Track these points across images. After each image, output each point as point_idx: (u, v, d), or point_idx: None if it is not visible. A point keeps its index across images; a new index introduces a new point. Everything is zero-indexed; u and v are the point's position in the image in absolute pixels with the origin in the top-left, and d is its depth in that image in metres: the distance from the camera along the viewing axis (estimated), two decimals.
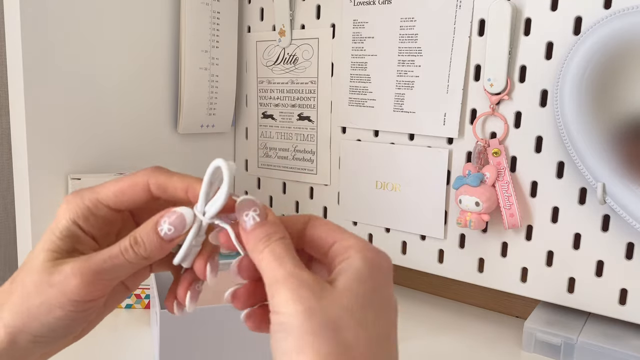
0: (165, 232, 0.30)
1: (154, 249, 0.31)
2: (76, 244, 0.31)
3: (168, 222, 0.30)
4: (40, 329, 0.30)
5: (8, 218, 0.92)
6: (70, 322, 0.30)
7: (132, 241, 0.31)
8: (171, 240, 0.31)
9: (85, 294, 0.29)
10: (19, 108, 0.66)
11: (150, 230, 0.31)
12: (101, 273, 0.30)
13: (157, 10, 0.79)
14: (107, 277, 0.30)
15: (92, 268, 0.30)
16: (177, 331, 0.53)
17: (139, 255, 0.30)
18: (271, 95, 0.87)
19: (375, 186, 0.76)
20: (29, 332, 0.30)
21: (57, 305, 0.29)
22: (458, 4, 0.66)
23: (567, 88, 0.58)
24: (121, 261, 0.30)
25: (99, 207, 0.32)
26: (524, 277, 0.66)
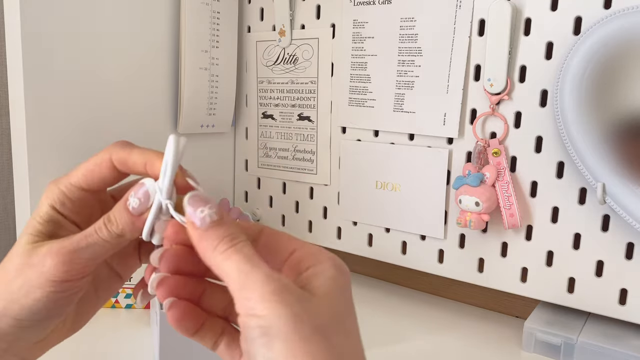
0: (133, 206, 0.30)
1: (126, 224, 0.30)
2: (57, 230, 0.32)
3: (135, 195, 0.30)
4: (21, 312, 0.30)
5: (8, 218, 0.92)
6: (51, 304, 0.30)
7: (106, 219, 0.31)
8: (140, 215, 0.30)
9: (61, 274, 0.29)
10: (19, 108, 0.66)
11: (121, 207, 0.31)
12: (77, 252, 0.30)
13: (157, 10, 0.79)
14: (83, 256, 0.30)
15: (67, 247, 0.30)
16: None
17: (112, 233, 0.30)
18: (271, 95, 0.87)
19: (375, 186, 0.76)
20: (11, 316, 0.30)
21: (36, 286, 0.29)
22: (458, 4, 0.66)
23: (567, 88, 0.58)
24: (95, 239, 0.30)
25: (72, 190, 0.32)
26: (524, 277, 0.66)
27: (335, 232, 0.82)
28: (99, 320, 0.67)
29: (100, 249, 0.30)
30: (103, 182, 0.33)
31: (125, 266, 0.36)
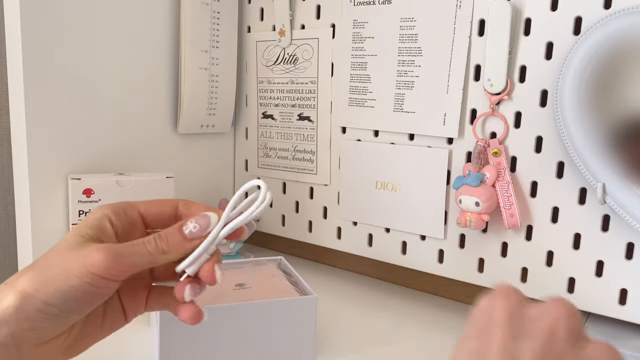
0: (190, 230, 0.35)
1: (175, 244, 0.35)
2: (101, 235, 0.35)
3: (195, 221, 0.35)
4: (53, 295, 0.32)
5: (8, 218, 0.92)
6: (81, 296, 0.32)
7: (157, 236, 0.35)
8: (192, 240, 0.35)
9: (102, 269, 0.32)
10: (19, 108, 0.66)
11: (175, 229, 0.35)
12: (122, 255, 0.33)
13: (157, 11, 0.79)
14: (125, 261, 0.33)
15: (115, 249, 0.33)
16: (177, 331, 0.53)
17: (159, 248, 0.34)
18: (271, 95, 0.87)
19: (375, 186, 0.76)
20: (41, 299, 0.32)
21: (76, 274, 0.32)
22: (458, 4, 0.66)
23: (567, 88, 0.58)
24: (141, 249, 0.34)
25: (131, 209, 0.37)
26: (524, 277, 0.66)
27: (335, 232, 0.82)
28: None
29: (143, 259, 0.34)
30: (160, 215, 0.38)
31: (132, 303, 0.39)
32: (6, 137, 0.90)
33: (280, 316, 0.56)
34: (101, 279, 0.32)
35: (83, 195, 0.67)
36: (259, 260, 0.69)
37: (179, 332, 0.53)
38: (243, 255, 0.86)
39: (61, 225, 0.69)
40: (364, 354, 0.63)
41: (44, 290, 0.32)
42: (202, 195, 0.90)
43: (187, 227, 0.35)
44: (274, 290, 0.60)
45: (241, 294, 0.59)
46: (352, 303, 0.78)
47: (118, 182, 0.69)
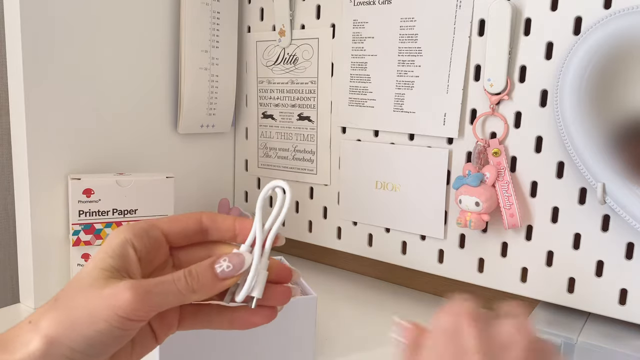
0: (223, 269, 0.33)
1: (207, 283, 0.32)
2: (125, 264, 0.33)
3: (228, 260, 0.33)
4: (80, 342, 0.30)
5: (8, 218, 0.92)
6: (108, 340, 0.30)
7: (187, 272, 0.32)
8: (225, 279, 0.33)
9: (132, 311, 0.30)
10: (19, 108, 0.66)
11: (206, 266, 0.33)
12: (151, 294, 0.31)
13: (157, 10, 0.79)
14: (154, 300, 0.31)
15: (144, 287, 0.30)
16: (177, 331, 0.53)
17: (189, 286, 0.32)
18: (271, 95, 0.87)
19: (375, 186, 0.76)
20: (67, 344, 0.30)
21: (102, 318, 0.30)
22: (458, 4, 0.66)
23: (567, 88, 0.58)
24: (172, 288, 0.32)
25: (154, 229, 0.35)
26: (524, 277, 0.66)
27: (335, 232, 0.82)
28: None
29: (172, 298, 0.32)
30: (184, 232, 0.36)
31: (163, 325, 0.36)
32: (6, 137, 0.90)
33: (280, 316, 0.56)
34: (128, 321, 0.30)
35: (83, 195, 0.67)
36: None
37: (179, 332, 0.53)
38: None
39: (61, 225, 0.69)
40: (364, 354, 0.63)
41: (70, 336, 0.30)
42: (202, 195, 0.90)
43: (221, 265, 0.33)
44: None
45: None
46: (352, 303, 0.78)
47: (118, 182, 0.69)
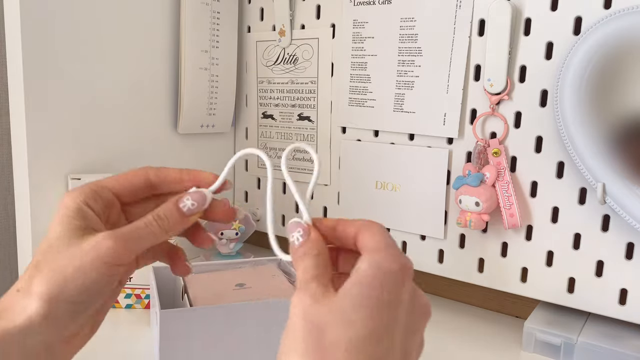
0: (188, 207, 0.36)
1: (175, 222, 0.36)
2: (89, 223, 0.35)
3: (191, 198, 0.36)
4: (77, 294, 0.32)
5: (8, 218, 0.92)
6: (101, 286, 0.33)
7: (156, 216, 0.35)
8: (191, 215, 0.36)
9: (114, 258, 0.33)
10: (19, 108, 0.66)
11: (172, 207, 0.36)
12: (129, 240, 0.34)
13: (157, 11, 0.79)
14: (134, 244, 0.34)
15: (121, 234, 0.33)
16: (177, 331, 0.53)
17: (161, 228, 0.35)
18: (271, 95, 0.87)
19: (375, 186, 0.76)
20: (66, 299, 0.32)
21: (91, 269, 0.32)
22: (458, 4, 0.66)
23: (567, 88, 0.58)
24: (146, 232, 0.35)
25: (103, 189, 0.37)
26: (524, 277, 0.66)
27: None
28: None
29: (148, 240, 0.35)
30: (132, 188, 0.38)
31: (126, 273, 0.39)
32: (6, 137, 0.90)
33: (280, 316, 0.56)
34: (114, 266, 0.33)
35: None
36: (259, 260, 0.69)
37: (179, 332, 0.53)
38: (243, 255, 0.86)
39: None
40: None
41: (66, 291, 0.32)
42: None
43: (185, 204, 0.36)
44: (274, 290, 0.60)
45: (241, 294, 0.59)
46: None
47: None
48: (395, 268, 0.30)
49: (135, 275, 0.70)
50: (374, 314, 0.29)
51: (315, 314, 0.29)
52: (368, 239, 0.32)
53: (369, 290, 0.29)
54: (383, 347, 0.29)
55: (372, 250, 0.31)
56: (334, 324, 0.28)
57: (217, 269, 0.65)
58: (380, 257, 0.30)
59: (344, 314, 0.28)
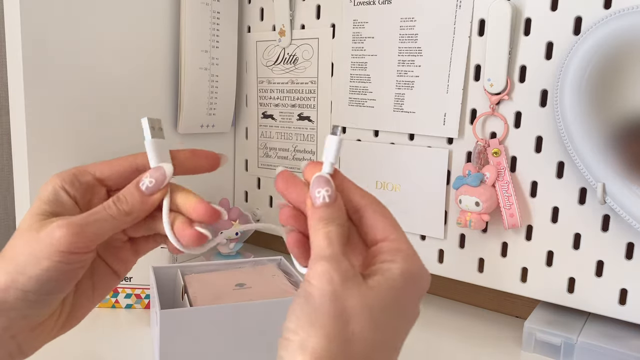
0: (147, 185, 0.34)
1: (136, 203, 0.33)
2: (62, 210, 0.34)
3: (149, 176, 0.34)
4: (28, 282, 0.31)
5: (8, 218, 0.92)
6: (57, 275, 0.31)
7: (115, 198, 0.33)
8: (152, 194, 0.34)
9: (68, 245, 0.31)
10: (19, 108, 0.66)
11: (132, 188, 0.34)
12: (84, 226, 0.32)
13: (157, 10, 0.79)
14: (90, 230, 0.32)
15: (75, 221, 0.32)
16: (177, 331, 0.53)
17: (120, 211, 0.33)
18: (271, 95, 0.87)
19: (375, 186, 0.76)
20: (18, 288, 0.31)
21: (43, 257, 0.31)
22: (458, 4, 0.66)
23: (567, 88, 0.58)
24: (103, 215, 0.33)
25: (84, 174, 0.36)
26: (524, 277, 0.66)
27: None
28: (99, 320, 0.67)
29: (107, 225, 0.33)
30: (118, 174, 0.36)
31: (119, 262, 0.37)
32: (6, 137, 0.90)
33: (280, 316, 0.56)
34: (70, 254, 0.31)
35: None
36: (259, 260, 0.69)
37: (179, 332, 0.53)
38: (243, 255, 0.86)
39: None
40: None
41: (19, 280, 0.31)
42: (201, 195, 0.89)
43: (143, 182, 0.34)
44: (274, 290, 0.60)
45: (241, 294, 0.59)
46: None
47: None
48: (423, 285, 0.31)
49: (135, 275, 0.70)
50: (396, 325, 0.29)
51: (347, 299, 0.28)
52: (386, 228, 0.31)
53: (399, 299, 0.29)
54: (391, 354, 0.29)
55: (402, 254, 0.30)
56: (362, 319, 0.28)
57: (217, 269, 0.65)
58: (412, 267, 0.30)
59: (373, 313, 0.28)
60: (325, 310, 0.27)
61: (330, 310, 0.27)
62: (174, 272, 0.64)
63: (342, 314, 0.27)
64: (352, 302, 0.28)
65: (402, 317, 0.29)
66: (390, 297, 0.29)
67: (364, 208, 0.32)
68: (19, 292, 0.31)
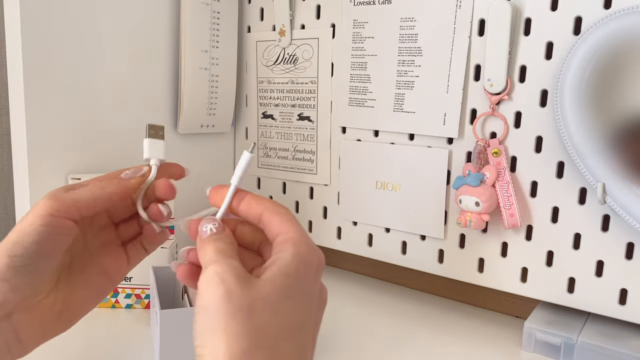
0: (126, 172, 0.38)
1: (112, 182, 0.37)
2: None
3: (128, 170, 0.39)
4: (14, 247, 0.34)
5: (8, 218, 0.92)
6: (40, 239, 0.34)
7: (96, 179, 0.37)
8: (129, 179, 0.38)
9: (49, 208, 0.34)
10: (19, 108, 0.66)
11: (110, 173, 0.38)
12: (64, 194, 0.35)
13: (157, 11, 0.79)
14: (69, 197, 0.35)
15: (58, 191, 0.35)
16: (177, 331, 0.53)
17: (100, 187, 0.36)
18: (271, 95, 0.87)
19: (375, 186, 0.76)
20: (5, 255, 0.33)
21: (27, 223, 0.34)
22: (458, 4, 0.66)
23: (567, 88, 0.58)
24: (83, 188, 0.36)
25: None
26: (524, 277, 0.66)
27: (335, 232, 0.82)
28: (99, 320, 0.67)
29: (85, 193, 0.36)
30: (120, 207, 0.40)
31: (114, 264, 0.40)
32: (6, 137, 0.90)
33: None
34: (52, 217, 0.34)
35: None
36: None
37: (179, 332, 0.53)
38: None
39: None
40: (364, 353, 0.63)
41: (5, 247, 0.34)
42: (202, 195, 0.89)
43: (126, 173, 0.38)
44: None
45: None
46: (352, 303, 0.78)
47: None
48: (314, 261, 0.31)
49: (135, 275, 0.70)
50: (298, 306, 0.30)
51: (243, 297, 0.28)
52: (280, 223, 0.33)
53: (294, 282, 0.30)
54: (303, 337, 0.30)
55: (292, 241, 0.31)
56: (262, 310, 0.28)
57: None
58: (302, 250, 0.31)
59: (271, 303, 0.29)
60: (222, 313, 0.28)
61: (228, 310, 0.28)
62: (174, 272, 0.64)
63: (242, 310, 0.28)
64: (249, 298, 0.29)
65: (304, 298, 0.31)
66: (286, 283, 0.30)
67: (262, 213, 0.34)
68: (6, 258, 0.33)
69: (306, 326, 0.30)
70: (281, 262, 0.30)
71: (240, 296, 0.28)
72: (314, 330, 0.32)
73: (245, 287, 0.29)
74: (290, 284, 0.30)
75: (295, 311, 0.30)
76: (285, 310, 0.29)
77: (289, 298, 0.30)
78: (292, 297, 0.30)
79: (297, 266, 0.30)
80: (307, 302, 0.31)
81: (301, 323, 0.30)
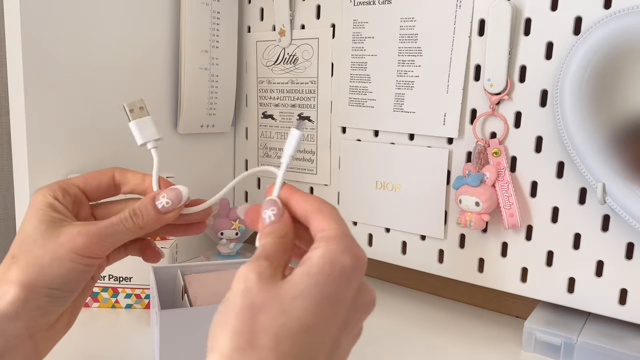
0: (164, 205, 0.37)
1: (151, 219, 0.37)
2: (62, 216, 0.37)
3: (166, 196, 0.38)
4: (55, 280, 0.35)
5: (8, 218, 0.92)
6: (77, 275, 0.35)
7: (132, 213, 0.37)
8: (167, 213, 0.37)
9: (89, 251, 0.35)
10: (19, 108, 0.66)
11: (148, 205, 0.37)
12: (103, 236, 0.36)
13: (157, 11, 0.79)
14: (108, 240, 0.36)
15: (95, 231, 0.36)
16: (177, 331, 0.53)
17: (136, 225, 0.37)
18: (271, 95, 0.87)
19: (375, 186, 0.76)
20: (43, 285, 0.34)
21: (67, 259, 0.35)
22: (458, 4, 0.66)
23: (567, 88, 0.58)
24: (121, 228, 0.36)
25: (71, 187, 0.39)
26: (524, 277, 0.66)
27: None
28: (99, 320, 0.67)
29: (123, 236, 0.37)
30: (99, 187, 0.41)
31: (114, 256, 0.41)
32: (6, 137, 0.90)
33: None
34: (88, 258, 0.35)
35: None
36: None
37: (179, 332, 0.53)
38: (243, 255, 0.86)
39: None
40: (364, 353, 0.63)
41: (43, 278, 0.34)
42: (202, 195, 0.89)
43: (160, 202, 0.37)
44: None
45: None
46: None
47: None
48: (347, 262, 0.30)
49: (135, 275, 0.70)
50: (311, 307, 0.28)
51: (255, 295, 0.28)
52: (321, 221, 0.32)
53: (314, 282, 0.29)
54: (314, 340, 0.28)
55: (326, 239, 0.31)
56: (268, 309, 0.28)
57: (217, 269, 0.65)
58: (333, 249, 0.30)
59: (281, 302, 0.28)
60: (232, 307, 0.28)
61: (237, 305, 0.28)
62: (174, 272, 0.64)
63: (250, 308, 0.28)
64: (261, 297, 0.28)
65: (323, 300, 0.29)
66: (305, 283, 0.29)
67: (309, 210, 0.34)
68: (45, 290, 0.34)
69: (320, 329, 0.28)
70: (308, 262, 0.30)
71: (255, 294, 0.28)
72: (339, 332, 0.30)
73: (264, 286, 0.29)
74: (309, 284, 0.29)
75: (308, 312, 0.28)
76: (295, 311, 0.28)
77: (302, 298, 0.28)
78: (306, 297, 0.28)
79: (322, 266, 0.29)
80: (328, 304, 0.29)
81: (313, 326, 0.28)
